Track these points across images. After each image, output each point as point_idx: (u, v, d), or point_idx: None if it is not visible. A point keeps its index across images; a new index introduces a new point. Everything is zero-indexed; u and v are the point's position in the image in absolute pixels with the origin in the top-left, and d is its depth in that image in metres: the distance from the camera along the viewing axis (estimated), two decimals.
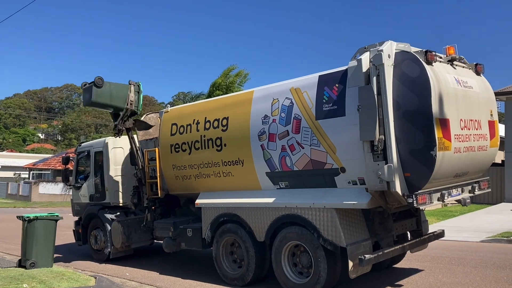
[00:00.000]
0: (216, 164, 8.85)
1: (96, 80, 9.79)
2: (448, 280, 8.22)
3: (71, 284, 8.80)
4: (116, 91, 10.06)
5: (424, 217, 8.68)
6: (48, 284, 8.70)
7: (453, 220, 17.72)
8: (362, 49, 6.93)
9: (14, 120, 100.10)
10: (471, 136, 7.13)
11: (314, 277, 7.31)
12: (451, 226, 15.66)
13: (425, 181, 6.47)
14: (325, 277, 7.19)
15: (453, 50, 7.27)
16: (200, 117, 9.18)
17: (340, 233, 7.01)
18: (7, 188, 47.40)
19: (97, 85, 9.77)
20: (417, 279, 8.34)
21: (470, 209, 20.55)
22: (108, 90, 9.95)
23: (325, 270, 7.18)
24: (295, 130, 7.59)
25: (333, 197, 7.22)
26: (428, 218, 17.44)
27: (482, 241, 12.76)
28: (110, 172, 11.40)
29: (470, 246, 11.95)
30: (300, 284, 7.57)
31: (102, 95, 9.94)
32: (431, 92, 6.33)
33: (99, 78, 9.84)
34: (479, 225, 15.73)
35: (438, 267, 9.31)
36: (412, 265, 9.46)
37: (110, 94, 9.98)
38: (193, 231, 9.37)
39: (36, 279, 9.01)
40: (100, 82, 9.79)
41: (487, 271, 8.84)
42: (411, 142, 6.44)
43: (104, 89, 9.91)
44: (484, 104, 7.63)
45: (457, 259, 10.02)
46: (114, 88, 10.07)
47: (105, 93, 9.94)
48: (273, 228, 7.90)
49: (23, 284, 8.58)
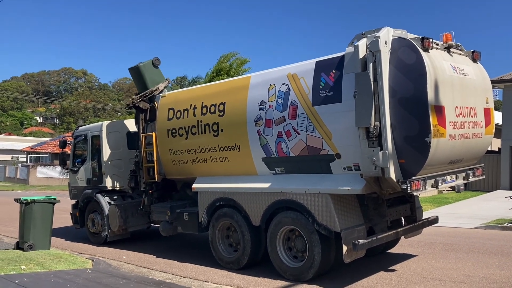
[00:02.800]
0: (212, 149, 8.89)
1: (154, 60, 11.02)
2: (440, 265, 8.33)
3: (68, 266, 8.90)
4: (157, 76, 10.92)
5: (419, 204, 8.76)
6: (46, 266, 8.79)
7: (448, 206, 17.92)
8: (359, 35, 6.93)
9: (11, 103, 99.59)
10: (466, 123, 7.17)
11: (309, 261, 7.41)
12: (446, 213, 15.86)
13: (419, 167, 6.53)
14: (319, 261, 7.29)
15: (450, 37, 7.27)
16: (197, 102, 9.19)
17: (335, 218, 7.08)
18: (5, 171, 47.55)
19: (154, 64, 11.00)
20: (410, 264, 8.45)
21: (465, 196, 20.78)
22: (154, 72, 10.97)
23: (319, 254, 7.27)
24: (292, 116, 7.62)
25: (328, 183, 7.28)
26: (424, 204, 17.63)
27: (476, 227, 12.92)
28: (107, 156, 11.43)
29: (464, 232, 12.10)
30: (294, 268, 7.67)
31: (148, 71, 10.87)
32: (427, 79, 6.35)
33: (157, 59, 11.10)
34: (474, 212, 15.91)
35: (432, 252, 9.43)
36: (406, 250, 9.57)
37: (152, 75, 10.86)
38: (190, 215, 9.45)
39: (34, 261, 9.11)
40: (157, 62, 11.04)
41: (479, 256, 8.96)
42: (406, 128, 6.48)
43: (153, 69, 10.99)
44: (480, 92, 7.65)
45: (450, 245, 10.15)
46: (157, 73, 11.02)
47: (151, 72, 10.89)
48: (269, 213, 7.98)
49: (20, 266, 8.69)
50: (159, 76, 10.97)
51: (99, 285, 7.54)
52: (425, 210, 16.83)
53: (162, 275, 8.40)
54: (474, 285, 7.07)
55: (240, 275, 8.13)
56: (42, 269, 8.59)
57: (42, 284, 7.46)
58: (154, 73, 10.94)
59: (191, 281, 7.96)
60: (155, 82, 10.67)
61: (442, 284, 7.14)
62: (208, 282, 7.81)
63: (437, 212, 16.55)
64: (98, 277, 8.06)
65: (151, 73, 10.85)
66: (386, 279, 7.51)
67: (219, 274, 8.28)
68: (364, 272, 7.95)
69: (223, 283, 7.73)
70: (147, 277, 8.29)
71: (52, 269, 8.61)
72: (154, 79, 10.76)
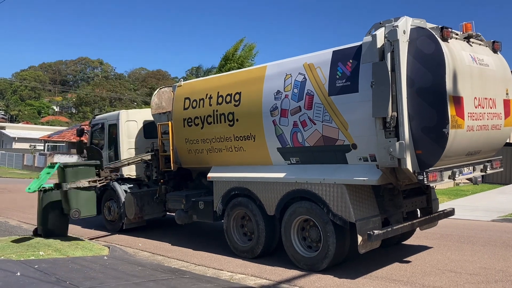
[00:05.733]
0: (228, 138, 8.92)
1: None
2: (456, 257, 8.29)
3: (85, 253, 9.04)
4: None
5: (435, 195, 8.70)
6: (63, 252, 8.94)
7: (465, 199, 17.74)
8: (377, 24, 6.86)
9: (29, 92, 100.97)
10: (485, 114, 7.08)
11: (323, 251, 7.42)
12: (463, 205, 15.67)
13: (436, 158, 6.47)
14: (333, 251, 7.29)
15: (470, 27, 7.15)
16: (213, 92, 9.21)
17: (350, 209, 7.07)
18: (23, 159, 48.16)
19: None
20: (425, 256, 8.41)
21: (482, 189, 20.52)
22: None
23: (334, 244, 7.28)
24: (308, 106, 7.60)
25: (344, 173, 7.26)
26: (440, 197, 17.46)
27: (493, 220, 12.78)
28: (123, 144, 11.55)
29: (480, 225, 11.97)
30: (308, 258, 7.70)
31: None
32: (446, 69, 6.27)
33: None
34: (491, 205, 15.72)
35: (447, 244, 9.37)
36: (421, 242, 9.53)
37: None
38: (205, 204, 9.52)
39: (52, 247, 9.27)
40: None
41: (496, 249, 8.88)
42: (424, 119, 6.42)
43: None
44: (500, 83, 7.53)
45: (466, 237, 10.07)
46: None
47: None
48: (283, 203, 7.99)
49: (39, 252, 8.84)
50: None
51: (115, 271, 7.63)
52: (441, 202, 16.69)
53: (177, 263, 8.49)
54: (490, 277, 7.02)
55: (254, 264, 8.19)
56: (60, 255, 8.73)
57: (60, 269, 7.58)
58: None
59: (206, 269, 8.04)
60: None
61: (457, 276, 7.10)
62: (223, 271, 7.87)
63: (453, 204, 16.33)
64: (114, 264, 8.17)
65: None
66: (401, 270, 7.50)
67: (233, 263, 8.34)
68: (378, 263, 7.95)
69: (237, 271, 7.78)
70: (162, 264, 8.39)
71: (69, 255, 8.75)
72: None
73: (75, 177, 9.86)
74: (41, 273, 7.22)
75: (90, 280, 6.96)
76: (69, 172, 9.84)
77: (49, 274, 7.16)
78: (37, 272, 7.30)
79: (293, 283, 7.03)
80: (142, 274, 7.43)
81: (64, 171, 9.83)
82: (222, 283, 7.06)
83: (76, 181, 9.81)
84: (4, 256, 8.40)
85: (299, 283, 7.01)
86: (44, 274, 7.18)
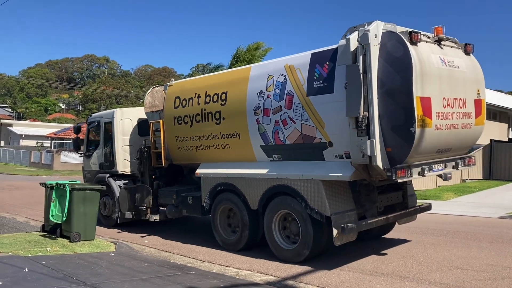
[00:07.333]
0: (215, 136, 9.32)
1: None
2: (462, 254, 8.29)
3: (92, 249, 9.17)
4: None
5: (412, 191, 9.03)
6: (70, 249, 9.10)
7: (471, 195, 17.65)
8: (352, 28, 7.23)
9: (36, 90, 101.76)
10: (454, 114, 7.40)
11: (302, 243, 7.82)
12: (469, 202, 15.64)
13: (405, 156, 6.83)
14: (311, 243, 7.68)
15: (441, 30, 7.47)
16: (201, 91, 9.61)
17: (326, 203, 7.45)
18: (30, 156, 48.69)
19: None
20: (432, 253, 8.44)
21: (489, 186, 20.39)
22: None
23: (312, 237, 7.66)
24: (288, 105, 7.98)
25: (320, 170, 7.64)
26: (446, 193, 17.81)
27: (500, 217, 12.70)
28: (118, 142, 11.96)
29: (487, 222, 11.90)
30: (289, 250, 8.09)
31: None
32: (413, 71, 6.62)
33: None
34: (498, 202, 15.64)
35: (453, 241, 9.37)
36: (427, 239, 9.61)
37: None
38: (194, 199, 9.94)
39: (59, 244, 9.43)
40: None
41: (503, 246, 8.86)
42: (393, 118, 6.78)
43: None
44: (471, 83, 7.85)
45: (472, 234, 10.05)
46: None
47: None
48: (265, 198, 8.39)
49: (46, 248, 9.00)
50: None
51: (122, 267, 7.71)
52: (448, 199, 16.81)
53: (184, 259, 8.57)
54: (497, 274, 6.98)
55: (260, 260, 8.24)
56: (67, 252, 8.85)
57: (67, 265, 7.66)
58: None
59: (212, 265, 8.09)
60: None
61: (464, 273, 7.07)
62: (229, 267, 7.91)
63: (460, 201, 16.44)
64: (121, 260, 8.28)
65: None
66: (407, 267, 7.51)
67: (239, 260, 8.39)
68: (384, 259, 8.02)
69: (243, 268, 7.82)
70: (168, 260, 8.47)
71: (76, 252, 8.87)
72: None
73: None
74: (49, 269, 7.30)
75: (97, 276, 7.01)
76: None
77: (56, 270, 7.24)
78: (44, 268, 7.38)
79: (299, 279, 7.03)
80: (149, 270, 7.50)
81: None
82: (228, 279, 7.08)
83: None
84: (12, 252, 8.56)
85: (305, 279, 7.02)
86: (52, 270, 7.27)
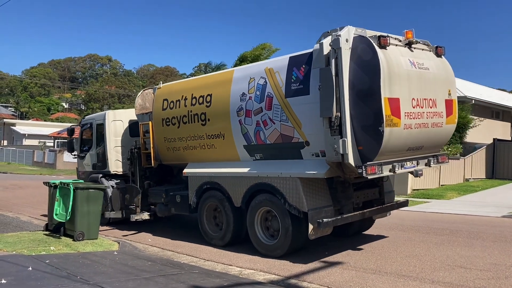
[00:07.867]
0: (201, 137, 9.71)
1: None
2: (465, 253, 8.32)
3: (96, 248, 9.31)
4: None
5: (390, 188, 9.38)
6: (74, 248, 9.22)
7: (474, 194, 17.62)
8: (326, 33, 7.59)
9: (39, 89, 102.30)
10: (424, 113, 7.77)
11: (281, 238, 8.20)
12: (472, 201, 15.65)
13: (375, 154, 7.21)
14: (290, 238, 8.07)
15: (411, 34, 7.83)
16: (188, 93, 9.99)
17: (303, 200, 7.83)
18: (33, 156, 49.00)
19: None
20: (435, 251, 8.52)
21: (492, 185, 20.33)
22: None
23: (291, 232, 8.05)
24: (268, 107, 8.36)
25: (298, 168, 8.02)
26: (449, 192, 18.00)
27: (503, 216, 12.71)
28: (110, 143, 12.33)
29: (490, 221, 11.92)
30: (269, 245, 8.48)
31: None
32: (381, 74, 6.99)
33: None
34: (501, 201, 15.64)
35: (457, 240, 9.45)
36: (430, 238, 9.72)
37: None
38: (181, 197, 10.34)
39: (62, 243, 9.57)
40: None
41: (506, 245, 8.91)
42: (363, 119, 7.16)
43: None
44: (441, 84, 8.21)
45: (476, 233, 10.12)
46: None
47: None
48: (248, 195, 8.77)
49: (50, 247, 9.13)
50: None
51: (125, 266, 7.78)
52: (451, 198, 16.82)
53: (187, 258, 8.66)
54: (500, 273, 7.00)
55: (263, 259, 8.29)
56: (71, 250, 8.98)
57: (70, 264, 7.74)
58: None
59: (215, 264, 8.18)
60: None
61: (467, 272, 7.07)
62: (232, 266, 7.98)
63: (463, 200, 16.42)
64: (124, 259, 8.39)
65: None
66: (410, 266, 7.54)
67: (242, 258, 8.46)
68: (388, 258, 8.11)
69: (246, 266, 7.88)
70: (171, 259, 8.57)
71: (80, 251, 8.99)
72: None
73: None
74: (52, 268, 7.37)
75: (101, 275, 7.05)
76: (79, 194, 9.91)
77: (60, 269, 7.30)
78: (48, 267, 7.45)
79: (302, 278, 7.08)
80: (152, 269, 7.56)
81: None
82: (231, 278, 7.13)
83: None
84: (15, 251, 8.66)
85: (308, 278, 7.06)
86: (55, 268, 7.33)
